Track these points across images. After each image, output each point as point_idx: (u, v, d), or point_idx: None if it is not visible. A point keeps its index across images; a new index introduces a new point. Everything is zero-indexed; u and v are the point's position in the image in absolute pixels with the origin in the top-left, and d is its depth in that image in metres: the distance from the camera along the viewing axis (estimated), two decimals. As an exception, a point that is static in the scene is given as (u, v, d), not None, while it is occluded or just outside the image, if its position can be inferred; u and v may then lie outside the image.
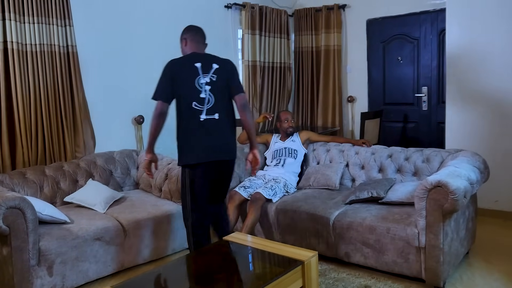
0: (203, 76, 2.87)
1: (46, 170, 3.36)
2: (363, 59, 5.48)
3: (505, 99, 3.93)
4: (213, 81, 2.85)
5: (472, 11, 4.02)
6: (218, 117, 2.83)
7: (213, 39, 4.79)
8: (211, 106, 2.82)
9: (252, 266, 2.40)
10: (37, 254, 2.66)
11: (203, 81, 2.86)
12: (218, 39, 4.87)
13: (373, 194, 3.23)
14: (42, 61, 3.39)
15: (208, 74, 2.87)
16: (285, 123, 4.03)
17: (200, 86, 2.85)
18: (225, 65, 2.95)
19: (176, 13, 4.39)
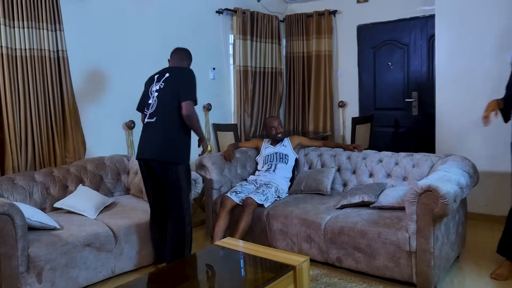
0: (155, 84, 3.16)
1: (36, 176, 3.32)
2: (353, 64, 5.52)
3: (493, 104, 3.97)
4: (161, 88, 3.10)
5: (461, 17, 4.07)
6: (155, 120, 3.06)
7: (205, 44, 4.82)
8: (152, 110, 3.09)
9: (244, 271, 2.40)
10: (26, 261, 2.63)
11: (154, 88, 3.15)
12: (210, 44, 4.88)
13: (364, 199, 3.25)
14: (32, 66, 3.36)
15: (159, 82, 3.12)
16: (273, 130, 4.03)
17: (151, 93, 3.15)
18: (175, 73, 3.16)
19: (168, 18, 4.39)
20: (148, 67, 4.24)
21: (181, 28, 4.54)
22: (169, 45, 4.41)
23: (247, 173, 4.12)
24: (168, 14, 4.39)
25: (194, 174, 3.55)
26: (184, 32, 4.56)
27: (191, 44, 4.61)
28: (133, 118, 4.11)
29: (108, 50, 3.94)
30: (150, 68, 4.25)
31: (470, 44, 4.06)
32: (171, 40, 4.44)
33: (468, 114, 4.10)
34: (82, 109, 3.70)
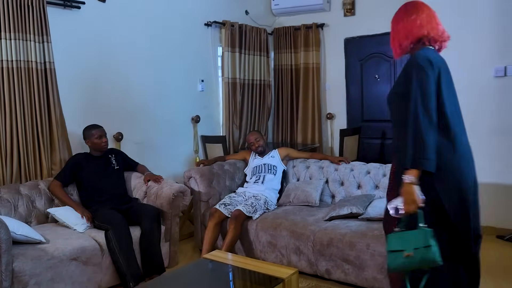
0: None
1: (21, 189, 3.27)
2: (341, 76, 5.58)
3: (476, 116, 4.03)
4: None
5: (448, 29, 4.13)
6: None
7: (193, 56, 4.84)
8: None
9: (233, 284, 2.38)
10: (10, 275, 2.57)
11: None
12: (198, 57, 4.89)
13: (353, 211, 3.26)
14: (19, 77, 3.33)
15: None
16: (252, 146, 4.05)
17: None
18: None
19: (156, 31, 4.40)
20: (136, 79, 4.26)
21: (170, 41, 4.55)
22: (157, 57, 4.44)
23: (236, 185, 4.11)
24: (156, 26, 4.40)
25: (182, 186, 3.54)
26: (173, 44, 4.57)
27: (180, 56, 4.66)
28: (121, 130, 4.09)
29: (96, 62, 3.93)
30: (138, 80, 4.27)
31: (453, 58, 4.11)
32: (160, 52, 4.46)
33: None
34: (69, 121, 3.67)
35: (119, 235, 3.06)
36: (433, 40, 2.16)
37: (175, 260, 3.54)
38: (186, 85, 4.78)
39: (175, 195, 3.42)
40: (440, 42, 2.20)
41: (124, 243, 3.06)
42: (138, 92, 4.29)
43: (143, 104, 4.32)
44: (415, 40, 2.16)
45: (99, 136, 3.53)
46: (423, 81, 1.99)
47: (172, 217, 3.46)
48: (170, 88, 4.57)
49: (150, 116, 4.38)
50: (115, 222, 3.11)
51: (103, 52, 3.97)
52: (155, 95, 4.42)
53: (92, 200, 3.39)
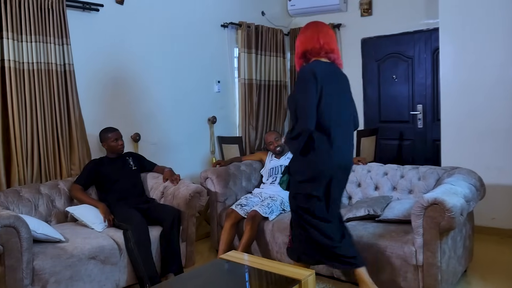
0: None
1: (42, 188, 3.33)
2: (358, 77, 5.53)
3: (498, 116, 3.97)
4: None
5: (465, 30, 4.09)
6: None
7: (210, 57, 4.86)
8: None
9: (249, 285, 2.38)
10: (31, 273, 2.62)
11: None
12: (215, 58, 4.91)
13: (370, 212, 3.23)
14: (39, 79, 3.40)
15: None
16: (270, 145, 4.04)
17: None
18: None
19: (173, 32, 4.43)
20: (153, 80, 4.30)
21: (187, 42, 4.58)
22: (174, 58, 4.47)
23: (252, 186, 4.11)
24: (173, 28, 4.43)
25: (199, 186, 3.55)
26: (190, 45, 4.60)
27: (196, 57, 4.68)
28: (138, 131, 4.13)
29: (114, 64, 3.98)
30: (155, 82, 4.31)
31: (474, 56, 4.07)
32: (177, 54, 4.49)
33: (474, 126, 4.09)
34: (88, 122, 3.72)
35: (138, 235, 3.08)
36: (314, 54, 2.61)
37: (192, 260, 3.56)
38: (203, 86, 4.80)
39: (191, 196, 3.44)
40: (325, 54, 2.62)
41: (142, 243, 3.09)
42: (155, 93, 4.33)
43: (160, 105, 4.35)
44: (300, 55, 2.66)
45: (115, 139, 3.58)
46: (305, 91, 2.49)
47: (188, 217, 3.48)
48: (186, 89, 4.60)
49: (167, 117, 4.42)
50: (135, 222, 3.14)
51: (121, 54, 4.02)
52: (172, 96, 4.45)
53: (111, 200, 3.43)
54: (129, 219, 3.17)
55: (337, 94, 2.61)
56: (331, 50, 2.64)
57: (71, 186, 3.42)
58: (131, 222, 3.13)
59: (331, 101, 2.56)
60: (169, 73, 4.45)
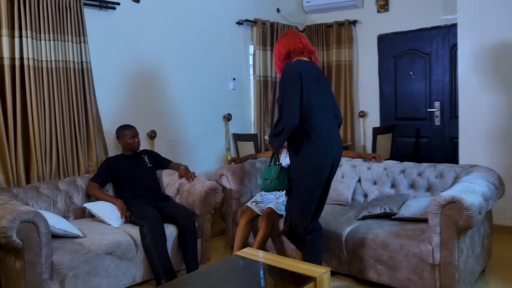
0: None
1: (60, 185, 3.39)
2: (374, 74, 5.48)
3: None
4: None
5: (484, 26, 4.01)
6: None
7: (225, 55, 4.86)
8: None
9: (264, 282, 2.38)
10: (49, 268, 2.67)
11: None
12: (230, 55, 4.92)
13: (386, 210, 3.20)
14: (57, 77, 3.45)
15: None
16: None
17: None
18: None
19: (189, 30, 4.45)
20: (169, 77, 4.32)
21: (202, 39, 4.60)
22: (190, 55, 4.49)
23: (267, 183, 4.10)
24: (189, 25, 4.45)
25: (214, 183, 3.57)
26: (205, 43, 4.62)
27: (211, 54, 4.69)
28: (154, 128, 4.16)
29: (130, 62, 4.01)
30: (171, 79, 4.33)
31: (493, 52, 3.99)
32: (192, 51, 4.51)
33: (492, 124, 4.02)
34: (105, 119, 3.76)
35: (154, 232, 3.11)
36: (297, 53, 2.78)
37: (207, 256, 3.58)
38: (218, 83, 4.81)
39: (207, 193, 3.46)
40: (308, 54, 2.81)
41: (158, 240, 3.12)
42: (171, 91, 4.35)
43: (176, 102, 4.38)
44: (284, 56, 2.81)
45: (132, 137, 3.61)
46: (288, 88, 2.65)
47: (204, 214, 3.49)
48: (202, 86, 4.61)
49: (183, 114, 4.44)
50: (151, 219, 3.16)
51: (137, 52, 4.05)
52: (187, 93, 4.47)
53: (127, 196, 3.46)
54: (145, 216, 3.20)
55: (322, 91, 2.76)
56: (312, 50, 2.85)
57: (88, 184, 3.47)
58: (147, 219, 3.16)
59: (318, 97, 2.70)
60: (185, 71, 4.47)
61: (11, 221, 2.47)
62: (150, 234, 3.09)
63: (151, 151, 3.91)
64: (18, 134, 3.24)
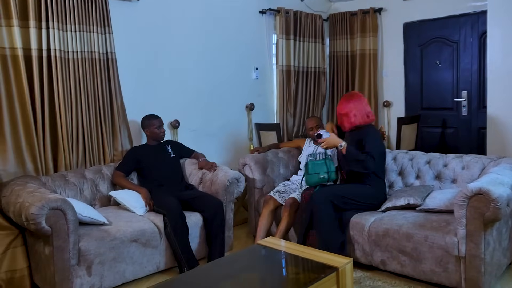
0: None
1: (86, 173, 3.46)
2: (399, 63, 5.38)
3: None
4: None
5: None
6: None
7: (248, 44, 4.85)
8: None
9: (286, 271, 2.39)
10: (77, 254, 2.75)
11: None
12: (253, 44, 4.90)
13: (410, 202, 3.16)
14: (83, 67, 3.50)
15: None
16: (310, 131, 3.98)
17: None
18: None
19: (212, 19, 4.45)
20: (192, 67, 4.34)
21: (225, 29, 4.59)
22: (213, 45, 4.49)
23: (290, 173, 4.10)
24: (212, 15, 4.45)
25: (237, 173, 3.58)
26: (228, 32, 4.61)
27: (234, 44, 4.69)
28: (178, 117, 4.19)
29: (154, 52, 4.04)
30: (194, 69, 4.35)
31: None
32: (215, 41, 4.51)
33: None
34: (129, 109, 3.81)
35: (174, 222, 3.16)
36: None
37: (229, 245, 3.61)
38: (241, 73, 4.81)
39: (230, 182, 3.48)
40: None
41: (179, 229, 3.16)
42: (194, 80, 4.37)
43: (199, 92, 4.40)
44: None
45: (158, 126, 3.66)
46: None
47: (226, 204, 3.52)
48: (225, 76, 4.62)
49: (206, 104, 4.46)
50: (171, 209, 3.21)
51: (160, 42, 4.08)
52: (210, 83, 4.49)
53: (151, 185, 3.51)
54: (165, 205, 3.24)
55: None
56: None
57: (114, 173, 3.53)
58: (167, 209, 3.21)
59: None
60: (208, 61, 4.48)
61: (40, 208, 2.55)
62: (170, 223, 3.14)
63: (174, 141, 3.95)
64: (46, 124, 3.32)
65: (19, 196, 2.73)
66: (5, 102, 3.11)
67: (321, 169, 3.41)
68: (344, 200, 3.22)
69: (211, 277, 2.30)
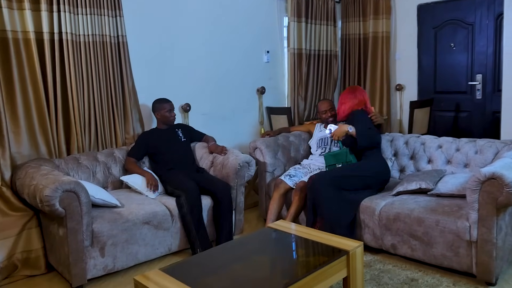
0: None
1: (99, 156, 3.49)
2: (413, 46, 5.30)
3: None
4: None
5: (534, -7, 3.78)
6: None
7: (259, 27, 4.81)
8: None
9: (296, 254, 2.41)
10: (90, 235, 2.79)
11: None
12: (264, 27, 4.86)
13: (422, 186, 3.14)
14: (95, 51, 3.51)
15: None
16: (323, 114, 3.95)
17: None
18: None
19: (223, 2, 4.41)
20: (202, 50, 4.32)
21: (236, 11, 4.55)
22: (224, 28, 4.46)
23: (301, 157, 4.10)
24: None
25: (248, 156, 3.59)
26: (239, 15, 4.57)
27: (245, 27, 4.65)
28: (189, 101, 4.20)
29: (164, 35, 4.02)
30: (205, 52, 4.33)
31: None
32: (226, 23, 4.48)
33: (538, 97, 3.84)
34: (140, 92, 3.82)
35: (192, 202, 3.19)
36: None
37: (240, 228, 3.63)
38: (252, 56, 4.78)
39: (240, 166, 3.49)
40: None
41: (196, 210, 3.19)
42: (205, 64, 4.36)
43: (210, 75, 4.39)
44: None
45: (169, 110, 3.66)
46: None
47: (237, 187, 3.53)
48: (236, 59, 4.59)
49: (217, 88, 4.45)
50: (189, 189, 3.23)
51: (171, 25, 4.06)
52: (221, 66, 4.47)
53: (163, 169, 3.54)
54: (183, 186, 3.27)
55: None
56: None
57: (126, 159, 3.55)
58: (185, 190, 3.23)
59: None
60: (219, 44, 4.45)
61: (53, 190, 2.58)
62: (188, 204, 3.17)
63: (184, 125, 3.96)
64: (59, 107, 3.34)
65: (33, 178, 2.78)
66: (18, 85, 3.13)
67: (338, 160, 3.48)
68: (344, 179, 3.26)
69: (222, 259, 2.32)
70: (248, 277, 2.13)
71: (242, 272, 2.18)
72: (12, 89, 3.12)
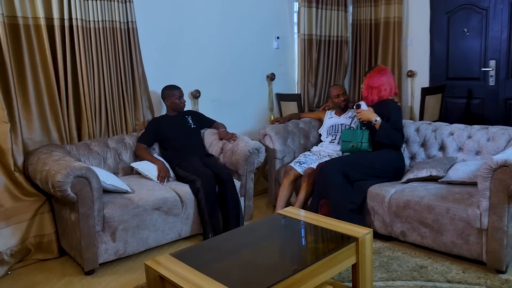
0: None
1: (109, 142, 3.52)
2: (425, 31, 5.21)
3: None
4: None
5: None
6: None
7: (269, 13, 4.76)
8: None
9: (305, 240, 2.42)
10: (101, 220, 2.83)
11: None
12: (274, 13, 4.81)
13: (432, 173, 3.12)
14: (105, 37, 3.50)
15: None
16: (336, 98, 3.93)
17: None
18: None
19: (232, -13, 4.37)
20: (212, 37, 4.30)
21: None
22: (234, 14, 4.43)
23: (310, 144, 4.09)
24: (233, -18, 4.36)
25: (258, 143, 3.59)
26: (249, 1, 4.53)
27: (255, 13, 4.61)
28: (198, 87, 4.19)
29: (174, 21, 4.01)
30: (215, 38, 4.31)
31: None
32: (236, 9, 4.44)
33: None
34: (150, 79, 3.82)
35: (208, 186, 3.21)
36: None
37: (249, 214, 3.66)
38: (262, 42, 4.75)
39: (250, 152, 3.49)
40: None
41: (211, 194, 3.22)
42: (215, 50, 4.34)
43: (220, 62, 4.37)
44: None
45: (179, 97, 3.66)
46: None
47: (247, 173, 3.54)
48: (245, 45, 4.57)
49: (226, 74, 4.44)
50: (206, 175, 3.26)
51: (181, 11, 4.04)
52: (231, 53, 4.45)
53: (173, 156, 3.55)
54: (199, 171, 3.29)
55: None
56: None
57: (136, 145, 3.57)
58: (201, 174, 3.25)
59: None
60: (229, 29, 4.43)
61: (65, 176, 2.61)
62: (203, 189, 3.19)
63: (194, 112, 3.96)
64: (70, 94, 3.36)
65: (45, 164, 2.81)
66: (29, 72, 3.15)
67: (353, 138, 3.45)
68: (354, 166, 3.26)
69: (232, 245, 2.34)
70: (258, 262, 2.15)
71: (252, 258, 2.20)
72: (24, 75, 3.14)
